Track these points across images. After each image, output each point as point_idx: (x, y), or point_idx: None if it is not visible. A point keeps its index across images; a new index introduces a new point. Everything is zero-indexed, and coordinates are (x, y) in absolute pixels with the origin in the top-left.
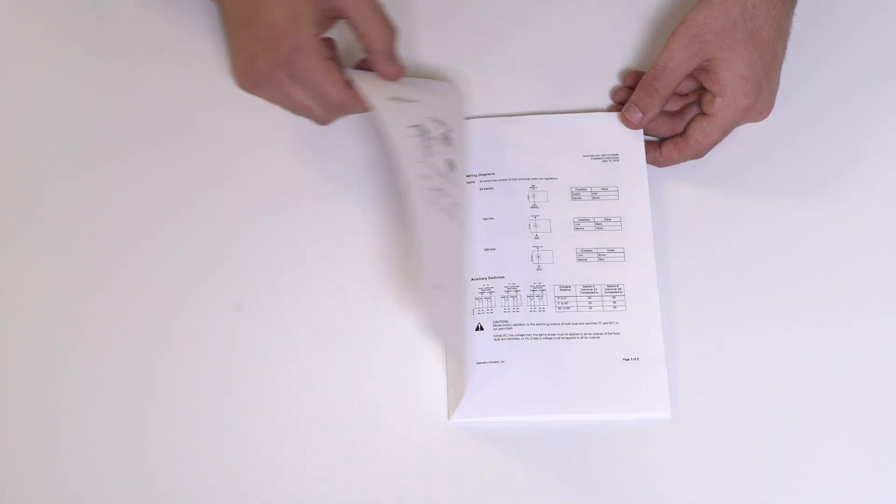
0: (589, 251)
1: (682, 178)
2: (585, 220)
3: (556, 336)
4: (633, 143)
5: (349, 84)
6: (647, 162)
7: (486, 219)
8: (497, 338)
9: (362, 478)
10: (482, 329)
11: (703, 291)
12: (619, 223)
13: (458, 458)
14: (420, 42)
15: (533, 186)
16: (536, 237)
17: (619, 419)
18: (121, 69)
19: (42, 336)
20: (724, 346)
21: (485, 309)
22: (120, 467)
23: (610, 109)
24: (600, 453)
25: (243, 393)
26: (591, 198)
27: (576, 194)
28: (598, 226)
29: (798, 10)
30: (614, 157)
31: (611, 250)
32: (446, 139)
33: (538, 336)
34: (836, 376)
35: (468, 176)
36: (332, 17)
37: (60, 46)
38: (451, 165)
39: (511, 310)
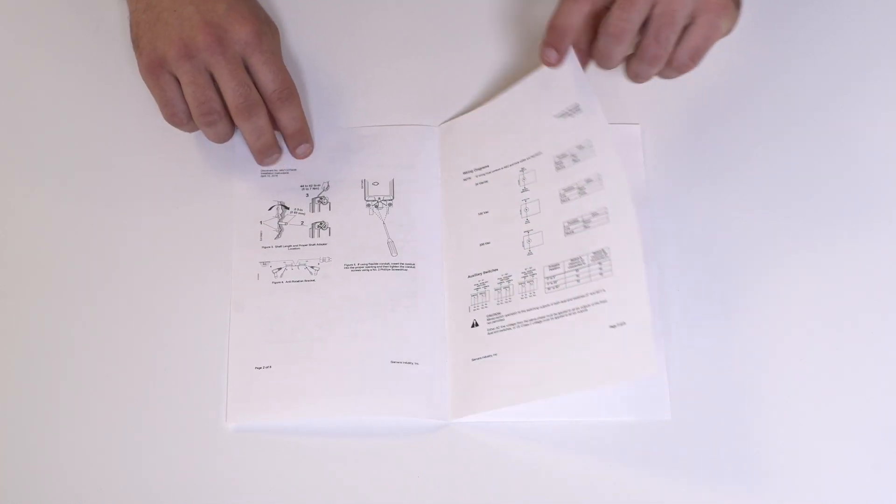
0: (575, 221)
1: (681, 181)
2: (570, 189)
3: (546, 318)
4: (584, 88)
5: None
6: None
7: (481, 213)
8: (490, 331)
9: (363, 478)
10: (477, 325)
11: (702, 292)
12: (599, 182)
13: (458, 457)
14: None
15: (522, 169)
16: (527, 221)
17: (619, 420)
18: (118, 74)
19: None
20: (723, 347)
21: (479, 305)
22: None
23: None
24: (600, 453)
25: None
26: (572, 162)
27: (559, 163)
28: (582, 191)
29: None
30: (576, 108)
31: (594, 214)
32: (321, 200)
33: (528, 322)
34: (837, 376)
35: (465, 173)
36: None
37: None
38: (321, 225)
39: (504, 301)
